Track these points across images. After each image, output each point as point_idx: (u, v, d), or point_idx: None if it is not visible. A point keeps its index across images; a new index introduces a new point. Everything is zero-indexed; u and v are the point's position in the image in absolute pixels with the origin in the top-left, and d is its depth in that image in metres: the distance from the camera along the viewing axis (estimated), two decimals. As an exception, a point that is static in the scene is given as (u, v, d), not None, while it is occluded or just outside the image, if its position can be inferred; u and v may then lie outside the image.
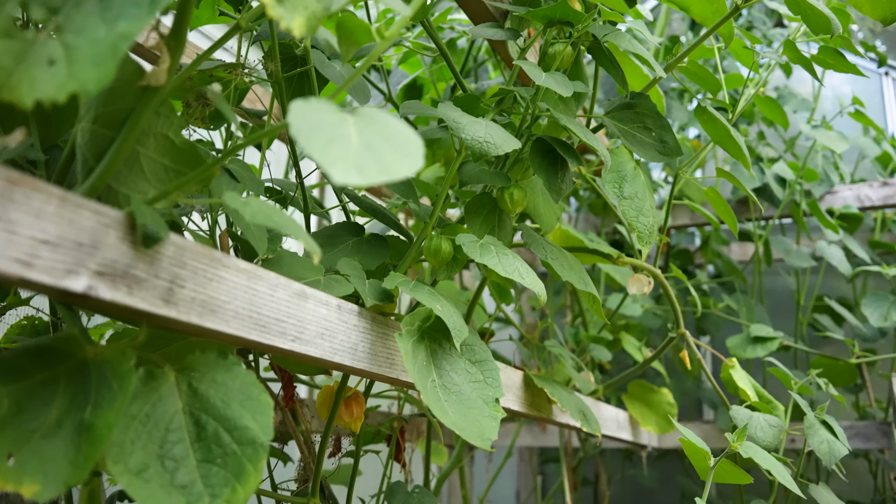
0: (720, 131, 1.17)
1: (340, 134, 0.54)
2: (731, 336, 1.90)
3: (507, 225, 1.04)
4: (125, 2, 0.52)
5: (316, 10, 0.63)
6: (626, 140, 1.11)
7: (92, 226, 0.56)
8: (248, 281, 0.71)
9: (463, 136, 0.85)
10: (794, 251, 2.04)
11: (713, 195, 1.29)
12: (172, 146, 0.67)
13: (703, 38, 1.16)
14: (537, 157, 1.00)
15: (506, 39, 1.04)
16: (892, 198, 2.07)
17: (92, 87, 0.49)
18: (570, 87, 0.93)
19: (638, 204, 1.06)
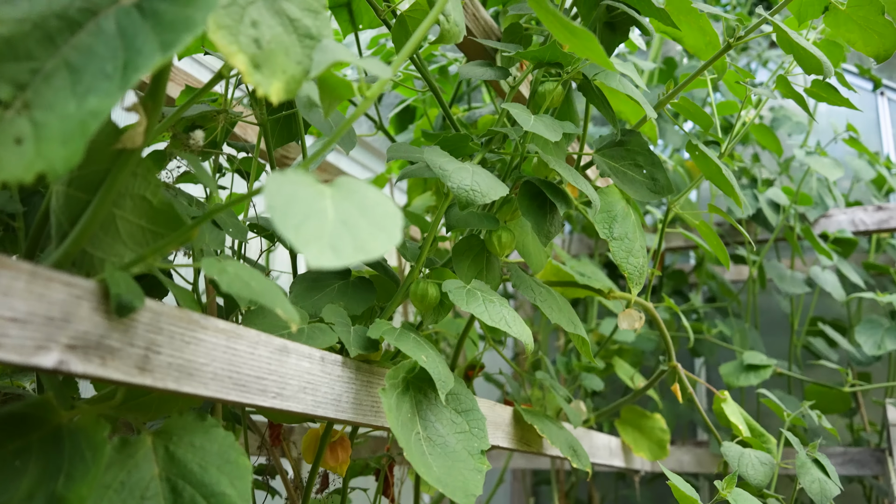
0: (712, 168, 1.15)
1: (316, 209, 0.52)
2: (725, 359, 1.89)
3: (495, 267, 1.03)
4: (96, 75, 0.51)
5: (295, 74, 0.62)
6: (616, 178, 1.10)
7: (63, 298, 0.55)
8: (228, 341, 0.70)
9: (449, 184, 0.84)
10: (788, 277, 2.03)
11: (705, 229, 1.28)
12: (150, 207, 0.66)
13: (694, 76, 1.15)
14: (526, 199, 0.99)
15: (495, 79, 1.03)
16: (886, 222, 2.06)
17: (60, 166, 0.48)
18: (558, 132, 0.92)
19: (628, 245, 1.05)
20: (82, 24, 0.52)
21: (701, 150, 1.13)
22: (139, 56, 0.51)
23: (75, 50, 0.52)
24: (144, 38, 0.52)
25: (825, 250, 1.96)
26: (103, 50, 0.52)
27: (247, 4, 0.58)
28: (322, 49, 0.62)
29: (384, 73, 0.61)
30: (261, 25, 0.59)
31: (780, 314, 2.51)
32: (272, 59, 0.59)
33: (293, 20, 0.63)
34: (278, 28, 0.61)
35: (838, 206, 2.14)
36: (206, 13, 0.52)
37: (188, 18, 0.52)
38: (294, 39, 0.63)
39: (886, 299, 1.75)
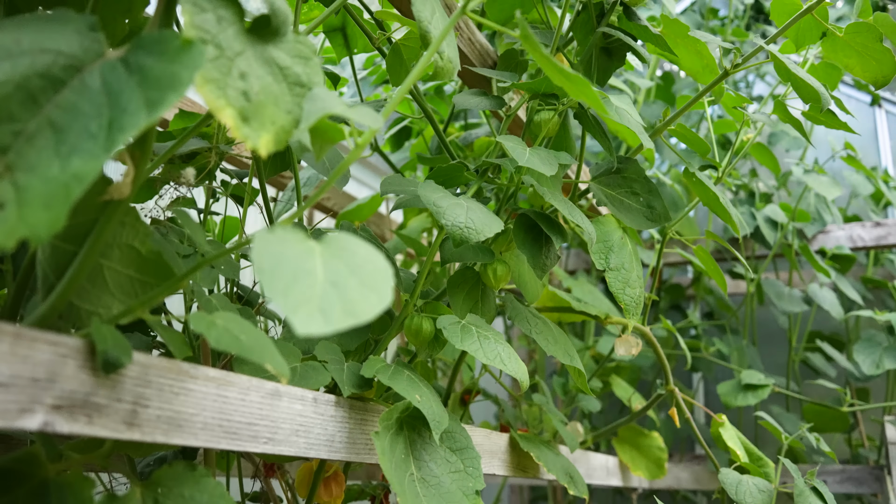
0: (709, 195, 1.15)
1: (305, 269, 0.51)
2: (723, 373, 1.88)
3: (490, 299, 1.02)
4: (81, 134, 0.50)
5: (285, 124, 0.61)
6: (613, 207, 1.10)
7: (48, 359, 0.54)
8: (218, 389, 0.69)
9: (444, 221, 0.83)
10: (786, 295, 2.03)
11: (703, 254, 1.27)
12: (138, 256, 0.65)
13: (691, 104, 1.14)
14: (521, 232, 0.98)
15: (490, 109, 1.02)
16: (884, 238, 2.05)
17: (43, 231, 0.47)
18: (554, 165, 0.91)
19: (624, 276, 1.04)
20: (66, 82, 0.51)
21: (698, 178, 1.12)
22: (124, 114, 0.50)
23: (59, 108, 0.51)
24: (130, 94, 0.51)
25: (823, 268, 1.96)
26: (88, 107, 0.51)
27: (235, 56, 0.57)
28: (312, 98, 0.61)
29: (374, 123, 0.60)
30: (249, 77, 0.58)
31: (779, 326, 2.50)
32: (261, 110, 0.58)
33: (283, 68, 0.62)
34: (268, 78, 0.60)
35: (836, 221, 2.13)
36: (193, 71, 0.51)
37: (174, 76, 0.51)
38: (284, 88, 0.62)
39: (884, 318, 1.74)
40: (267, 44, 0.62)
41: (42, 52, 0.51)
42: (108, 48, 0.55)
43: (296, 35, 0.64)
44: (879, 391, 2.31)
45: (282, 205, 1.19)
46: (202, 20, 0.56)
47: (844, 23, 2.40)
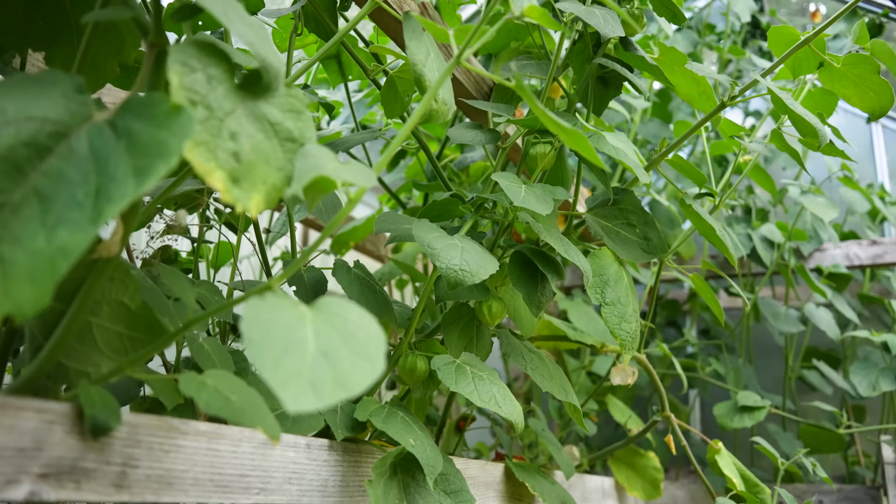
0: (705, 225, 1.14)
1: (296, 339, 0.51)
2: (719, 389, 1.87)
3: (485, 335, 1.01)
4: (67, 203, 0.49)
5: (276, 182, 0.60)
6: (609, 239, 1.09)
7: (35, 427, 0.53)
8: (209, 443, 0.68)
9: (438, 264, 0.83)
10: (783, 315, 2.02)
11: (699, 282, 1.26)
12: (128, 312, 0.64)
13: (686, 135, 1.13)
14: (516, 269, 0.97)
15: (485, 143, 1.01)
16: (881, 257, 2.05)
17: (28, 307, 0.46)
18: (549, 204, 0.90)
19: (620, 310, 1.04)
20: (52, 149, 0.50)
21: (694, 210, 1.11)
22: (112, 182, 0.50)
23: (45, 176, 0.50)
24: (118, 161, 0.50)
25: (819, 289, 1.95)
26: (74, 174, 0.50)
27: (225, 116, 0.56)
28: (304, 155, 0.60)
29: (367, 182, 0.59)
30: (240, 136, 0.57)
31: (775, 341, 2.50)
32: (252, 170, 0.57)
33: (274, 124, 0.61)
34: (259, 135, 0.59)
35: (832, 240, 2.12)
36: (182, 139, 0.50)
37: (162, 144, 0.50)
38: (275, 144, 0.61)
39: (881, 338, 1.74)
40: (258, 99, 0.61)
41: (28, 121, 0.50)
42: (96, 110, 0.54)
43: (287, 88, 0.64)
44: (876, 407, 2.31)
45: (274, 233, 1.18)
46: (191, 81, 0.55)
47: (841, 41, 2.40)
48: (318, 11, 1.02)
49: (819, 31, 1.10)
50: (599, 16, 0.96)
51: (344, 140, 1.10)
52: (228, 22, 0.57)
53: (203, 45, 0.58)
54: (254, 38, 0.59)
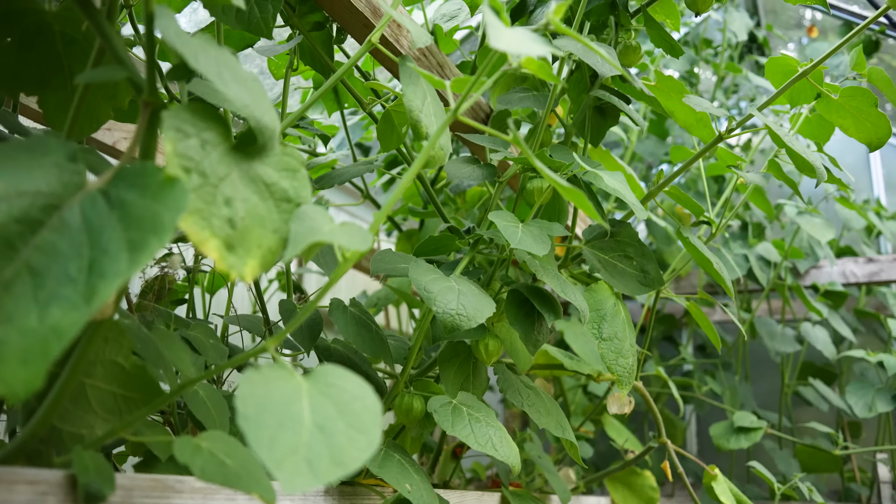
0: (703, 258, 1.14)
1: (292, 413, 0.50)
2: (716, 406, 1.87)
3: (482, 372, 1.01)
4: (59, 278, 0.48)
5: (271, 245, 0.59)
6: (606, 272, 1.09)
7: (28, 499, 0.52)
8: (204, 499, 0.67)
9: (435, 308, 0.82)
10: (779, 335, 2.02)
11: (695, 310, 1.26)
12: (122, 371, 0.63)
13: (684, 168, 1.13)
14: (513, 307, 0.97)
15: (482, 180, 1.01)
16: (877, 275, 2.05)
17: (20, 389, 0.46)
18: (546, 244, 0.90)
19: (617, 346, 1.03)
20: (45, 222, 0.50)
21: (691, 243, 1.11)
22: (105, 256, 0.49)
23: (37, 251, 0.49)
24: (111, 233, 0.50)
25: (816, 308, 1.95)
26: (67, 247, 0.50)
27: (219, 181, 0.56)
28: (300, 217, 0.60)
29: (362, 245, 0.58)
30: (235, 201, 0.57)
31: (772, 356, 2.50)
32: (247, 236, 0.57)
33: (269, 185, 0.61)
34: (254, 198, 0.59)
35: (828, 258, 2.12)
36: (177, 213, 0.49)
37: (156, 217, 0.50)
38: (271, 206, 0.60)
39: (876, 358, 1.74)
40: (253, 160, 0.60)
41: (20, 196, 0.49)
42: (88, 179, 0.53)
43: (283, 146, 0.63)
44: (872, 422, 2.31)
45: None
46: (185, 147, 0.55)
47: (838, 57, 2.39)
48: (314, 46, 1.01)
49: (816, 65, 1.09)
50: (597, 54, 0.95)
51: (340, 173, 1.09)
52: (223, 85, 0.56)
53: (198, 109, 0.57)
54: (249, 99, 0.58)
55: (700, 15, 1.11)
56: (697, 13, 1.10)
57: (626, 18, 1.12)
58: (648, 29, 1.14)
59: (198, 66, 0.55)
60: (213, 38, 0.62)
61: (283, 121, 1.05)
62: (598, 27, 1.22)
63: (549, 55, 0.60)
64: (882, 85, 1.20)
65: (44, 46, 0.77)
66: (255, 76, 0.65)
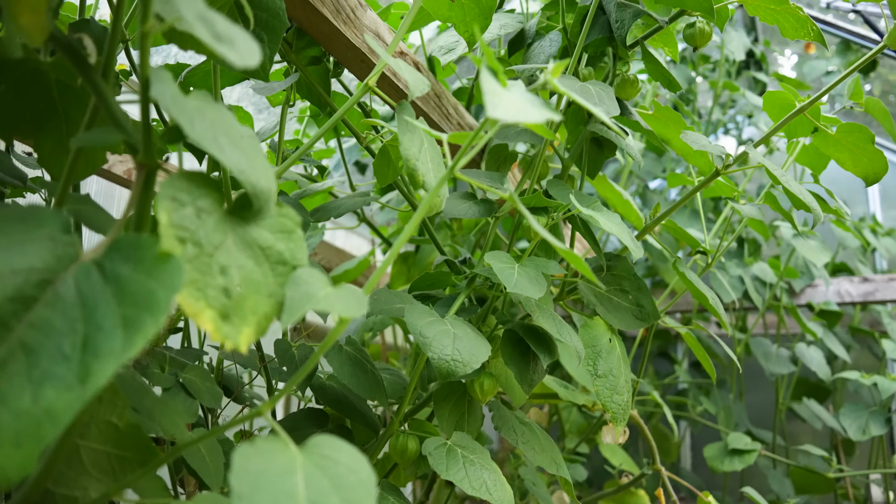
0: (698, 292, 1.14)
1: (286, 490, 0.50)
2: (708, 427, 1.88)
3: (476, 410, 1.01)
4: (53, 355, 0.48)
5: (267, 311, 0.59)
6: (602, 306, 1.09)
7: (19, 572, 0.52)
8: (197, 555, 0.67)
9: (430, 354, 0.82)
10: (774, 355, 2.03)
11: (690, 339, 1.26)
12: (116, 431, 0.63)
13: (680, 203, 1.13)
14: (508, 347, 0.97)
15: (477, 216, 1.01)
16: (871, 294, 2.06)
17: (13, 473, 0.46)
18: (542, 286, 0.90)
19: (612, 382, 1.03)
20: (38, 298, 0.50)
21: (687, 278, 1.11)
22: (99, 333, 0.49)
23: (31, 327, 0.49)
24: (105, 309, 0.50)
25: (811, 330, 1.96)
26: (61, 323, 0.49)
27: (214, 250, 0.56)
28: (295, 281, 0.60)
29: (357, 312, 0.58)
30: (230, 269, 0.56)
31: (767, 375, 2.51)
32: (242, 304, 0.57)
33: (265, 248, 0.60)
34: (249, 263, 0.59)
35: (824, 280, 2.13)
36: (171, 292, 0.49)
37: (151, 295, 0.49)
38: (266, 270, 0.60)
39: (871, 380, 1.74)
40: (248, 224, 0.60)
41: (13, 274, 0.49)
42: (82, 249, 0.53)
43: (279, 207, 0.63)
44: (866, 441, 2.32)
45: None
46: (180, 217, 0.54)
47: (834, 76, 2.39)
48: (311, 81, 1.01)
49: (814, 101, 1.09)
50: (594, 94, 0.95)
51: (336, 206, 1.09)
52: (220, 151, 0.56)
53: (193, 176, 0.57)
54: (245, 164, 0.58)
55: (698, 49, 1.11)
56: (696, 48, 1.10)
57: (623, 51, 1.11)
58: (646, 62, 1.14)
59: (194, 134, 0.54)
60: (210, 92, 0.62)
61: (280, 155, 1.05)
62: (595, 57, 1.22)
63: (546, 119, 0.59)
64: (879, 116, 1.20)
65: (38, 93, 0.76)
66: (251, 133, 0.65)
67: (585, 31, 1.05)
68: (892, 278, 2.03)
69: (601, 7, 1.08)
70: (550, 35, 1.12)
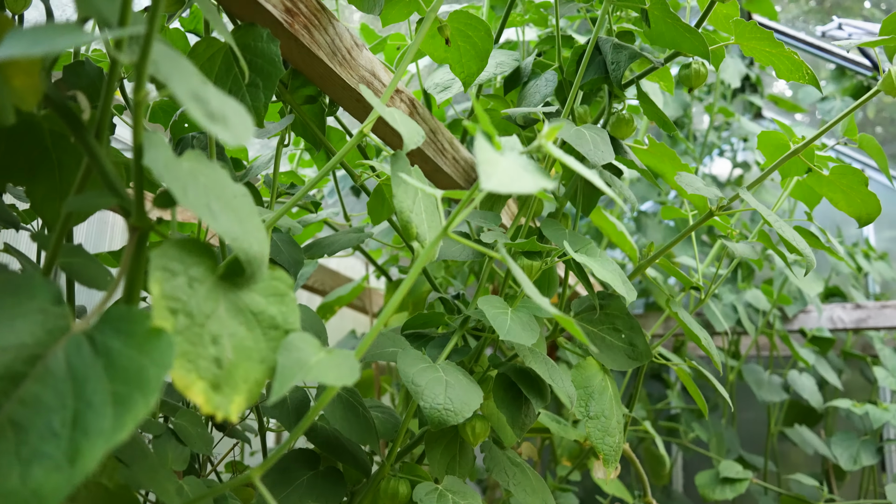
0: (690, 332, 1.14)
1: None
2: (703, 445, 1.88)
3: (468, 452, 1.00)
4: (43, 432, 0.48)
5: (258, 377, 0.59)
6: (594, 346, 1.09)
7: None
8: None
9: (422, 403, 0.82)
10: (766, 383, 2.03)
11: (683, 375, 1.26)
12: (106, 492, 0.63)
13: (677, 241, 1.13)
14: (500, 391, 0.97)
15: (472, 259, 1.01)
16: (864, 321, 2.07)
17: (1, 555, 0.45)
18: (535, 332, 0.90)
19: (604, 423, 1.03)
20: (28, 374, 0.49)
21: (681, 318, 1.11)
22: (89, 409, 0.49)
23: (20, 404, 0.49)
24: (96, 384, 0.49)
25: (803, 358, 1.96)
26: (51, 398, 0.49)
27: (206, 319, 0.56)
28: (287, 347, 0.60)
29: (349, 380, 0.58)
30: (222, 338, 0.56)
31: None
32: (233, 373, 0.56)
33: (257, 313, 0.60)
34: (241, 330, 0.58)
35: (817, 308, 2.13)
36: (162, 371, 0.49)
37: (141, 372, 0.49)
38: (258, 335, 0.60)
39: (862, 410, 1.75)
40: (240, 289, 0.60)
41: (3, 352, 0.49)
42: (73, 320, 0.53)
43: (271, 270, 0.63)
44: (856, 464, 2.32)
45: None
46: (172, 287, 0.54)
47: (830, 103, 2.41)
48: (306, 121, 1.01)
49: (808, 143, 1.10)
50: (589, 140, 0.95)
51: (330, 242, 1.09)
52: (212, 218, 0.56)
53: (185, 245, 0.57)
54: (238, 230, 0.58)
55: (693, 91, 1.11)
56: (690, 89, 1.10)
57: (619, 91, 1.12)
58: (642, 103, 1.14)
59: (186, 202, 0.54)
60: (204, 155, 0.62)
61: (274, 192, 1.05)
62: (590, 92, 1.23)
63: (540, 188, 0.59)
64: (872, 152, 1.21)
65: (31, 142, 0.76)
66: (243, 192, 0.65)
67: (582, 72, 1.05)
68: (884, 305, 2.03)
69: (597, 47, 1.09)
70: (546, 75, 1.12)
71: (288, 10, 0.87)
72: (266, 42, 0.84)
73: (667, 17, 1.01)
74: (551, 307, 0.65)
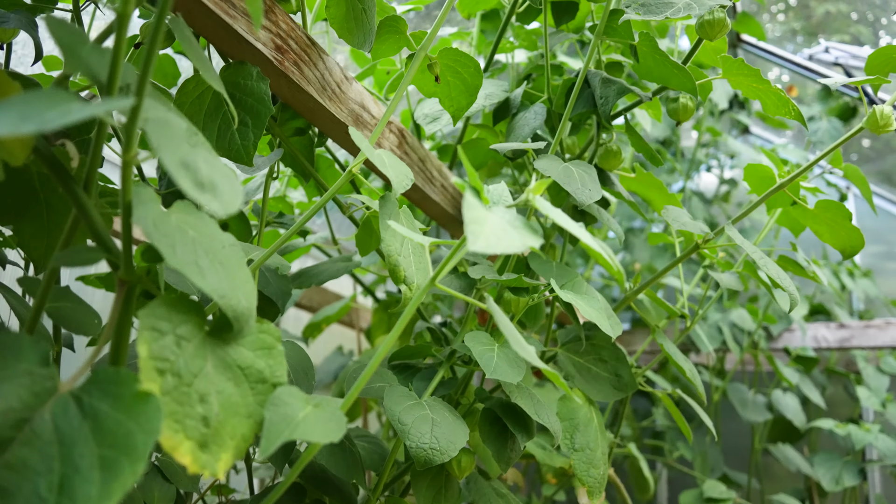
0: (676, 363, 1.15)
1: None
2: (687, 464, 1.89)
3: (454, 485, 1.01)
4: (29, 498, 0.48)
5: (245, 433, 0.59)
6: (580, 377, 1.10)
7: None
8: None
9: (408, 442, 0.83)
10: (750, 403, 2.05)
11: (670, 404, 1.28)
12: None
13: (662, 273, 1.14)
14: (486, 425, 0.97)
15: (460, 291, 1.01)
16: (848, 341, 2.08)
17: None
18: (521, 369, 0.90)
19: (589, 456, 1.04)
20: (15, 438, 0.50)
21: (667, 350, 1.12)
22: (77, 474, 0.49)
23: (7, 468, 0.49)
24: (83, 447, 0.50)
25: (787, 379, 1.98)
26: (38, 462, 0.49)
27: (193, 378, 0.56)
28: (274, 402, 0.60)
29: (336, 436, 0.59)
30: (209, 397, 0.56)
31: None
32: (221, 430, 0.57)
33: (244, 368, 0.61)
34: (228, 386, 0.59)
35: (801, 329, 2.15)
36: (150, 438, 0.49)
37: (129, 437, 0.49)
38: (245, 389, 0.60)
39: (845, 431, 1.77)
40: (228, 345, 0.60)
41: (-10, 418, 0.49)
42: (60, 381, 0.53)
43: (259, 323, 0.63)
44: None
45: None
46: (160, 347, 0.54)
47: (816, 123, 2.42)
48: (295, 153, 1.01)
49: (794, 178, 1.11)
50: (577, 178, 0.96)
51: (318, 272, 1.09)
52: (200, 276, 0.56)
53: (173, 303, 0.57)
54: (225, 287, 0.58)
55: (681, 124, 1.12)
56: (678, 122, 1.11)
57: (607, 123, 1.12)
58: (629, 135, 1.15)
59: (175, 262, 0.54)
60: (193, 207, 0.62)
61: (263, 220, 1.05)
62: (579, 123, 1.23)
63: (527, 247, 0.60)
64: (856, 181, 1.22)
65: (20, 184, 0.76)
66: (232, 241, 0.65)
67: (571, 105, 1.06)
68: (868, 325, 2.06)
69: (586, 81, 1.09)
70: (535, 107, 1.13)
71: (278, 48, 0.87)
72: (256, 81, 0.84)
73: (655, 53, 1.02)
74: (535, 358, 0.65)
